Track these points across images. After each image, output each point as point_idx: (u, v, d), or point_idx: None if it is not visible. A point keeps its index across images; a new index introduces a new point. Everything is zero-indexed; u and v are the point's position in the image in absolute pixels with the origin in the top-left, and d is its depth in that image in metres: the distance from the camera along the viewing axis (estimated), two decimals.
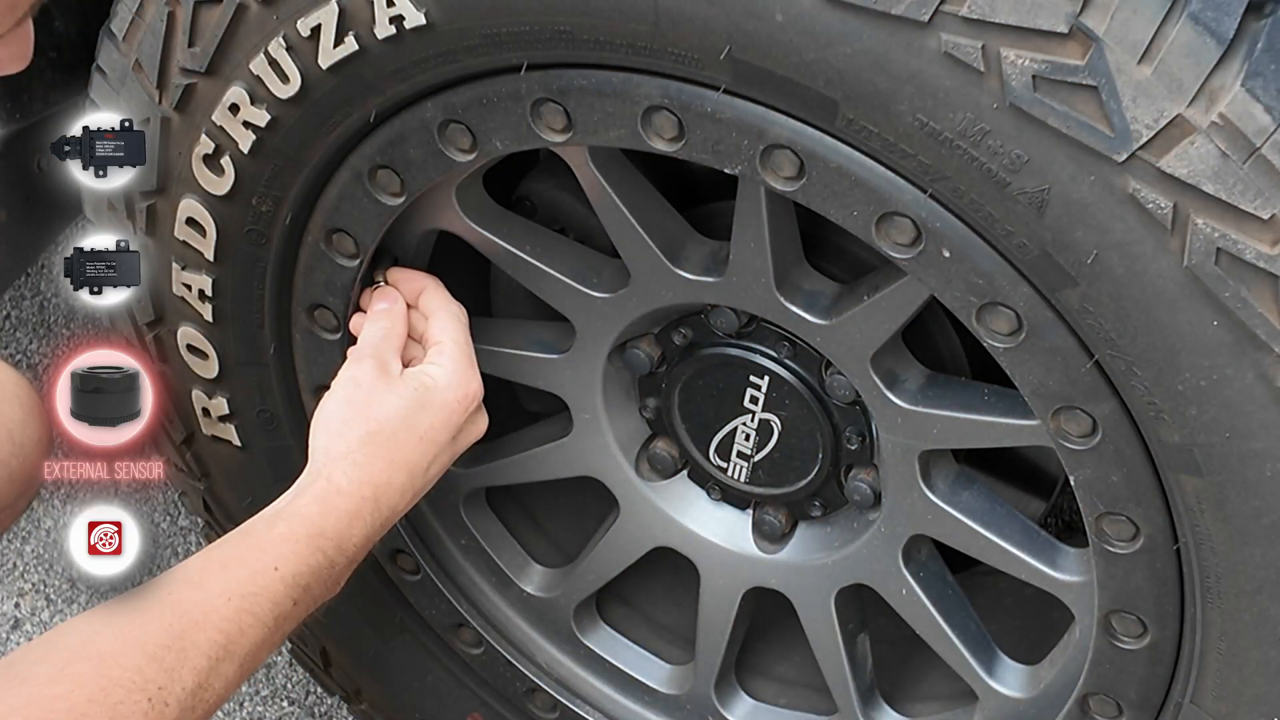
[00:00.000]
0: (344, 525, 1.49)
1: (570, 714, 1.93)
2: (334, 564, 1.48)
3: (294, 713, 2.43)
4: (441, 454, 1.60)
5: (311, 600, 1.47)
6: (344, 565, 1.50)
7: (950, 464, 1.62)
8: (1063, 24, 1.20)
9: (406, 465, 1.56)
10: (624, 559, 1.83)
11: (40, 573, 2.54)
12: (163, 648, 1.34)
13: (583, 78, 1.43)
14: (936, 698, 1.81)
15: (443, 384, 1.60)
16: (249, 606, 1.40)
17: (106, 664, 1.31)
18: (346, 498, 1.51)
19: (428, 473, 1.59)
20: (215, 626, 1.37)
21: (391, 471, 1.54)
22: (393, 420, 1.56)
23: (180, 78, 1.57)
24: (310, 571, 1.46)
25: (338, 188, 1.61)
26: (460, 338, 1.63)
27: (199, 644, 1.35)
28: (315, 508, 1.49)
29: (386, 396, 1.57)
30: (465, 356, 1.62)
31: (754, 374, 1.65)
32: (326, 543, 1.48)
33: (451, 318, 1.64)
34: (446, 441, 1.60)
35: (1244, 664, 1.42)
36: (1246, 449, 1.30)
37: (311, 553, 1.46)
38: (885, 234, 1.37)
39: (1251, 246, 1.21)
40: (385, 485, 1.54)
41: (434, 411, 1.58)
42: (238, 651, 1.38)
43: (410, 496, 1.58)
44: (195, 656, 1.35)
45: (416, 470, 1.57)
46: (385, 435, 1.55)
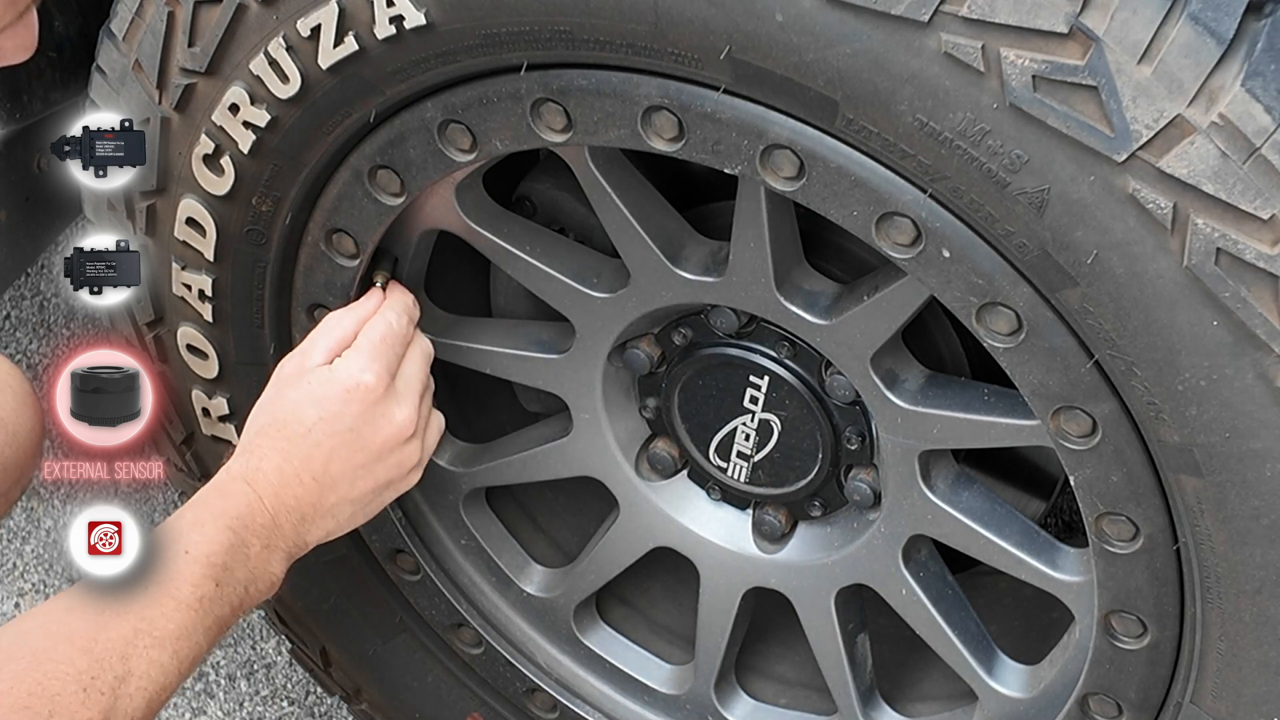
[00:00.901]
0: (243, 508, 1.53)
1: (570, 714, 1.93)
2: (246, 544, 1.52)
3: (294, 713, 2.43)
4: (343, 448, 1.59)
5: (237, 582, 1.51)
6: (260, 549, 1.53)
7: (950, 464, 1.62)
8: (1063, 24, 1.20)
9: (298, 456, 1.58)
10: (624, 559, 1.83)
11: (40, 573, 2.54)
12: (88, 639, 1.40)
13: (583, 78, 1.42)
14: (936, 698, 1.81)
15: (334, 376, 1.60)
16: (168, 591, 1.45)
17: (40, 660, 1.38)
18: (241, 482, 1.55)
19: (329, 467, 1.58)
20: (136, 614, 1.43)
21: (282, 461, 1.57)
22: (283, 412, 1.59)
23: (180, 78, 1.57)
24: (223, 551, 1.49)
25: (338, 188, 1.61)
26: (374, 335, 1.63)
27: (123, 633, 1.42)
28: (215, 493, 1.55)
29: (287, 390, 1.61)
30: (368, 351, 1.62)
31: (754, 374, 1.65)
32: (233, 521, 1.52)
33: (380, 319, 1.65)
34: (344, 432, 1.59)
35: (1244, 664, 1.42)
36: (1246, 449, 1.30)
37: (219, 532, 1.50)
38: (885, 234, 1.37)
39: (1251, 246, 1.21)
40: (275, 472, 1.56)
41: (322, 404, 1.59)
42: (164, 636, 1.44)
43: (320, 489, 1.58)
44: (120, 644, 1.41)
45: (312, 462, 1.58)
46: (276, 426, 1.59)
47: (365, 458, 1.61)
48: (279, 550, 1.56)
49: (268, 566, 1.55)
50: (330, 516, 1.61)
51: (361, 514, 1.64)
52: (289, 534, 1.57)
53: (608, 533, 1.82)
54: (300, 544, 1.59)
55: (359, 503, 1.62)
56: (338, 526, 1.62)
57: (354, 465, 1.60)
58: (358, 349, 1.62)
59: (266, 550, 1.54)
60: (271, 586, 1.56)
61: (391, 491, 1.66)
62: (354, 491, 1.61)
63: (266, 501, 1.55)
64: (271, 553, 1.55)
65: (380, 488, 1.63)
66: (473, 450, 1.86)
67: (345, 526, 1.63)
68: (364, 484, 1.62)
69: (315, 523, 1.59)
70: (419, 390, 1.65)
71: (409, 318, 1.67)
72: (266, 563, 1.54)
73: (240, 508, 1.53)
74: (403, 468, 1.64)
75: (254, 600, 1.54)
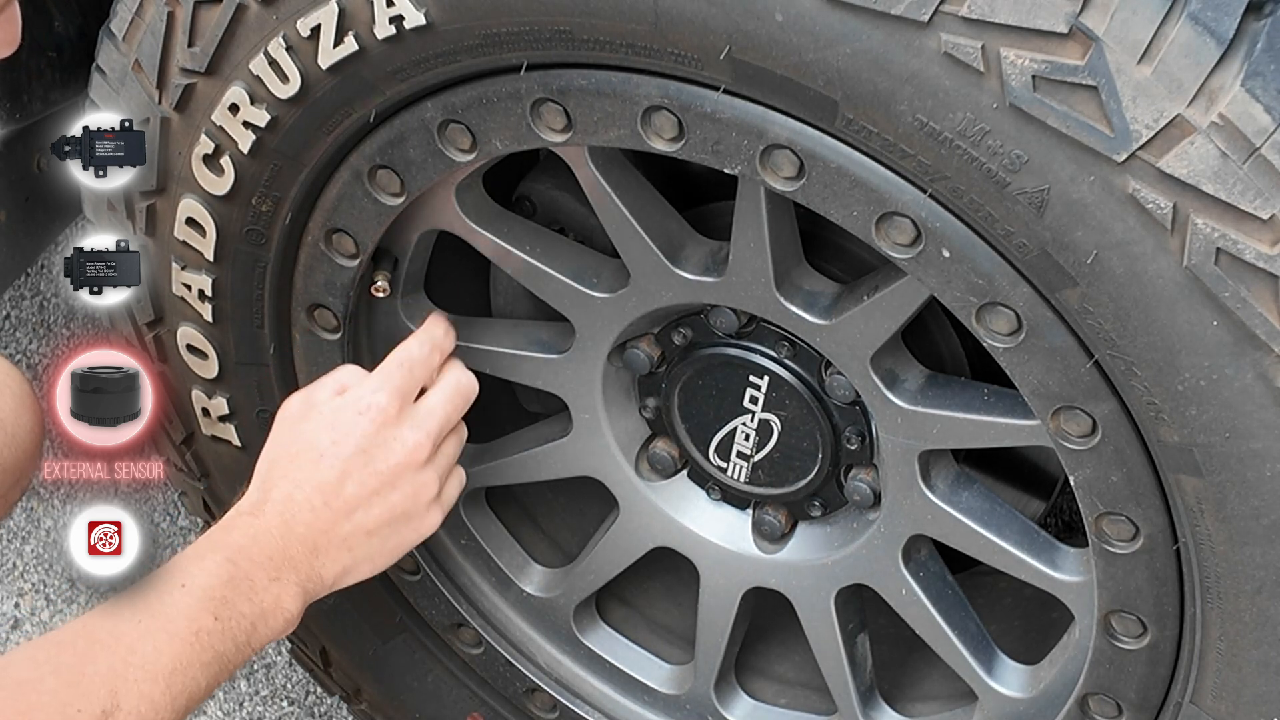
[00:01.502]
0: (246, 540, 1.50)
1: (570, 714, 1.93)
2: (250, 577, 1.47)
3: (294, 713, 2.43)
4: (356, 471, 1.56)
5: (241, 617, 1.46)
6: (267, 581, 1.48)
7: (950, 464, 1.62)
8: (1062, 24, 1.20)
9: (309, 482, 1.54)
10: (624, 559, 1.83)
11: (40, 573, 2.54)
12: (75, 671, 1.37)
13: (582, 78, 1.43)
14: (936, 698, 1.81)
15: (345, 401, 1.59)
16: (161, 625, 1.41)
17: (24, 690, 1.36)
18: (245, 516, 1.53)
19: (342, 490, 1.55)
20: (126, 647, 1.39)
21: (292, 488, 1.54)
22: (296, 443, 1.57)
23: (180, 78, 1.58)
24: (222, 584, 1.45)
25: (338, 188, 1.61)
26: (393, 360, 1.62)
27: (112, 665, 1.38)
28: (219, 528, 1.52)
29: (299, 424, 1.59)
30: (383, 373, 1.61)
31: (754, 374, 1.65)
32: (234, 554, 1.48)
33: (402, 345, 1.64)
34: (356, 455, 1.56)
35: (1244, 664, 1.42)
36: (1246, 449, 1.30)
37: (218, 565, 1.46)
38: (885, 234, 1.37)
39: (1251, 246, 1.21)
40: (285, 500, 1.53)
41: (335, 428, 1.57)
42: (156, 671, 1.40)
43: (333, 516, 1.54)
44: (108, 677, 1.38)
45: (324, 487, 1.54)
46: (288, 457, 1.57)
47: (378, 482, 1.57)
48: (291, 584, 1.50)
49: (278, 602, 1.49)
50: (345, 548, 1.55)
51: (379, 550, 1.58)
52: (302, 566, 1.52)
53: (608, 533, 1.82)
54: (315, 578, 1.53)
55: (375, 535, 1.57)
56: (354, 562, 1.56)
57: (367, 490, 1.56)
58: (374, 373, 1.61)
59: (275, 584, 1.49)
60: (286, 624, 1.50)
61: (409, 530, 1.60)
62: (368, 519, 1.56)
63: (275, 531, 1.51)
64: (282, 586, 1.50)
65: (395, 519, 1.58)
66: (472, 450, 1.86)
67: (361, 564, 1.58)
68: (378, 511, 1.57)
69: (329, 554, 1.54)
70: (439, 421, 1.61)
71: (433, 347, 1.64)
72: (276, 598, 1.49)
73: (242, 540, 1.50)
74: (418, 500, 1.59)
75: (264, 638, 1.49)
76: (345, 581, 1.57)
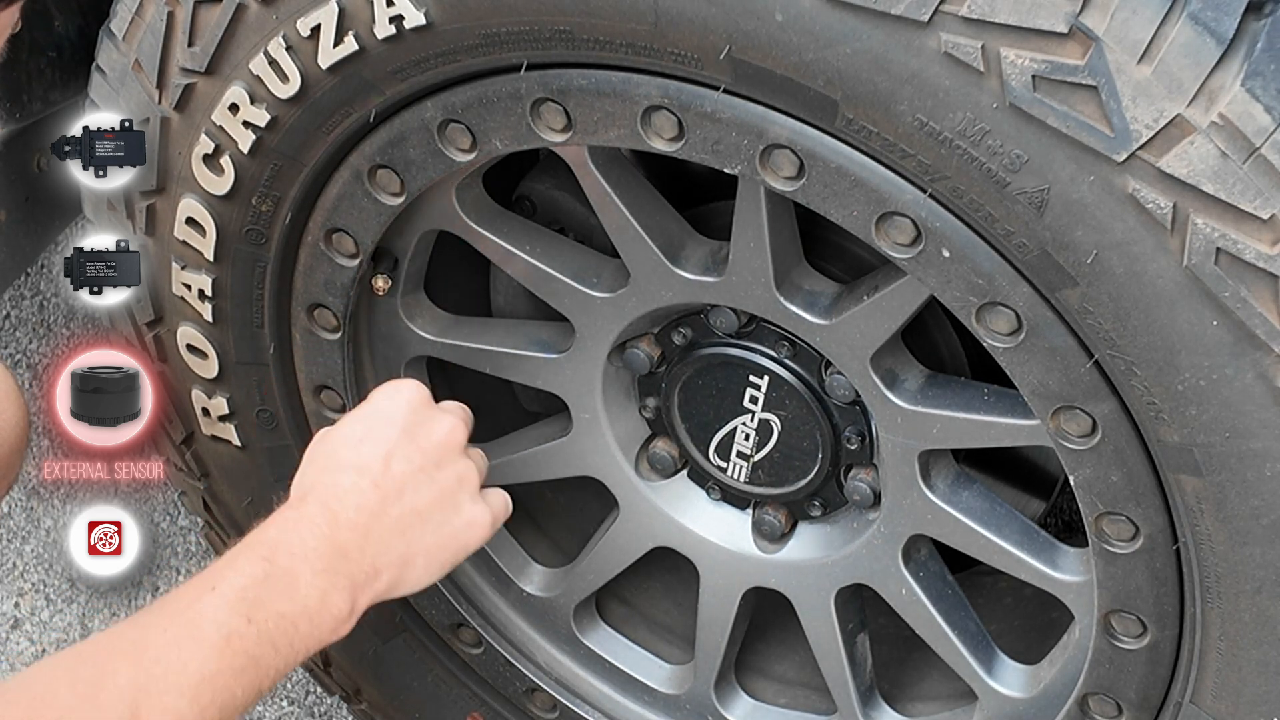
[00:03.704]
0: (284, 533, 1.41)
1: (570, 714, 1.93)
2: (292, 572, 1.38)
3: (294, 713, 2.43)
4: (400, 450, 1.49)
5: (280, 618, 1.37)
6: (311, 575, 1.39)
7: (950, 464, 1.62)
8: (1062, 24, 1.20)
9: (353, 465, 1.47)
10: (624, 559, 1.83)
11: (40, 573, 2.54)
12: (93, 685, 1.30)
13: (582, 77, 1.43)
14: (936, 698, 1.81)
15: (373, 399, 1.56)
16: (188, 632, 1.34)
17: (37, 704, 1.29)
18: (284, 511, 1.45)
19: (390, 468, 1.47)
20: (151, 658, 1.32)
21: (332, 474, 1.47)
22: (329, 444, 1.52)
23: (180, 77, 1.58)
24: (255, 583, 1.37)
25: (338, 188, 1.61)
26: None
27: (133, 679, 1.31)
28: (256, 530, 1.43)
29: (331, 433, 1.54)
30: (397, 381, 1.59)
31: (754, 374, 1.65)
32: (271, 550, 1.40)
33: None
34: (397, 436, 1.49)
35: (1244, 664, 1.42)
36: (1246, 449, 1.30)
37: (251, 563, 1.38)
38: (885, 234, 1.37)
39: (1251, 246, 1.21)
40: (330, 486, 1.45)
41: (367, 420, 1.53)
42: (182, 683, 1.32)
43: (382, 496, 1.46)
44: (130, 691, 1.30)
45: (365, 466, 1.47)
46: (325, 454, 1.51)
47: (423, 459, 1.50)
48: (340, 577, 1.40)
49: (325, 599, 1.39)
50: (398, 532, 1.45)
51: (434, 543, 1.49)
52: (353, 554, 1.42)
53: (608, 532, 1.82)
54: (369, 569, 1.43)
55: (428, 520, 1.48)
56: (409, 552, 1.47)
57: (414, 467, 1.48)
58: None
59: (321, 577, 1.39)
60: (336, 623, 1.41)
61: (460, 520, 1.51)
62: (419, 500, 1.48)
63: (318, 519, 1.42)
64: (330, 580, 1.40)
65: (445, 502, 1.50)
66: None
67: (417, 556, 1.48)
68: (427, 491, 1.49)
69: (383, 540, 1.44)
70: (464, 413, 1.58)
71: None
72: (323, 594, 1.39)
73: (280, 534, 1.41)
74: (464, 485, 1.51)
75: (311, 640, 1.39)
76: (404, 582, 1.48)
